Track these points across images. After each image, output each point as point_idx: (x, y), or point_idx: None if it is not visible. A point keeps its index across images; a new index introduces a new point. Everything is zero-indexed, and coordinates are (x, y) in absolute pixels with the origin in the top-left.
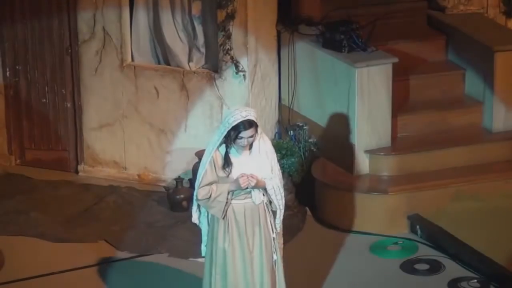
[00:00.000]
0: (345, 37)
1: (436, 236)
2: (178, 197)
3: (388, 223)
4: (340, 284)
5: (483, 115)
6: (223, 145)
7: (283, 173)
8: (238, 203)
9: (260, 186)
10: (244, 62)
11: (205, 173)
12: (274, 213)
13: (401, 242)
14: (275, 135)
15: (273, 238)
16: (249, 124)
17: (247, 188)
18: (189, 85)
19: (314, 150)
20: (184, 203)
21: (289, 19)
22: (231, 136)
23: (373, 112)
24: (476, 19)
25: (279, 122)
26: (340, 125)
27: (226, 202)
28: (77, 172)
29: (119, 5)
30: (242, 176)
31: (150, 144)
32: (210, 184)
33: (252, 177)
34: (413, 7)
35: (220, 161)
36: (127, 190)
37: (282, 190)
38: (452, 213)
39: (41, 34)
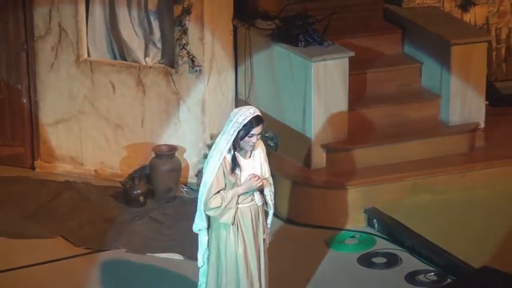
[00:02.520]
0: (301, 31)
1: (393, 230)
2: (135, 193)
3: (345, 216)
4: (298, 278)
5: (440, 108)
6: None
7: None
8: (244, 207)
9: (264, 187)
10: (200, 57)
11: (215, 181)
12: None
13: (358, 235)
14: None
15: (264, 239)
16: (259, 120)
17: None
18: (146, 80)
19: (271, 144)
20: (141, 198)
21: (246, 14)
22: (239, 137)
23: (329, 106)
24: (432, 13)
25: None
26: (297, 119)
27: (236, 207)
28: (33, 168)
29: (75, 0)
30: (252, 178)
31: (107, 140)
32: (218, 192)
33: (259, 177)
34: (369, 1)
35: (229, 166)
36: (84, 186)
37: (274, 190)
38: (409, 206)
39: None
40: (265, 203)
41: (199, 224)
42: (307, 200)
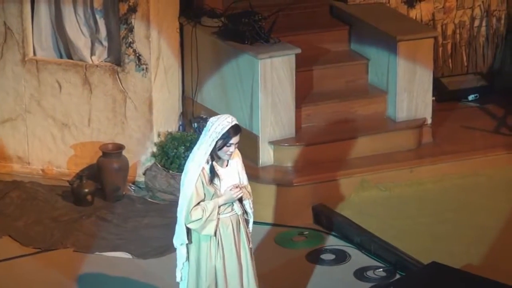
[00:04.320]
0: (247, 28)
1: (341, 226)
2: (82, 191)
3: (293, 213)
4: None
5: (387, 105)
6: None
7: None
8: (225, 217)
9: (244, 197)
10: (146, 55)
11: (195, 192)
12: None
13: (307, 232)
14: (179, 128)
15: (250, 248)
16: (237, 129)
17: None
18: (92, 79)
19: None
20: (89, 197)
21: (192, 12)
22: (218, 147)
23: (276, 103)
24: (378, 9)
25: (183, 114)
26: (244, 116)
27: (218, 218)
28: None
29: None
30: (233, 188)
31: (54, 139)
32: (198, 203)
33: (240, 188)
34: None
35: (207, 177)
36: (31, 185)
37: (252, 198)
38: (357, 202)
39: None
40: (244, 211)
41: (181, 238)
42: (254, 197)
